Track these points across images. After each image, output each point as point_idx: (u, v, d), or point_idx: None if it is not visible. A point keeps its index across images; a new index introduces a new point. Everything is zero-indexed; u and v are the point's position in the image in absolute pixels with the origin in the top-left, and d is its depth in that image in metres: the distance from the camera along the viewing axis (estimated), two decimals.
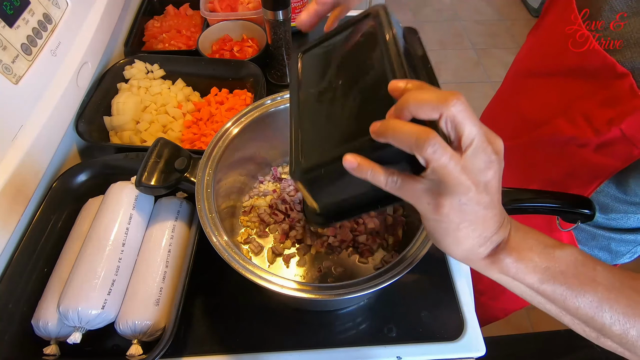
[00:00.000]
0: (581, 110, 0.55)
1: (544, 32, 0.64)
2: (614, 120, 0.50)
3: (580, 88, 0.55)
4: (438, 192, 0.31)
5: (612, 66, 0.49)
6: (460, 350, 0.55)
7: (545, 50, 0.61)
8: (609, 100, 0.51)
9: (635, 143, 0.49)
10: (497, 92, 0.83)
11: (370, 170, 0.32)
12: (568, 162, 0.60)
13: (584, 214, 0.52)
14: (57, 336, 0.51)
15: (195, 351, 0.55)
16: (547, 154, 0.63)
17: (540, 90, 0.63)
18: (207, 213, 0.52)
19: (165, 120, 0.77)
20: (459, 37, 2.52)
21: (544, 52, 0.62)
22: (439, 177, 0.30)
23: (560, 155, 0.61)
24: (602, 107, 0.52)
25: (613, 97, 0.51)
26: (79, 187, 0.64)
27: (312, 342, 0.56)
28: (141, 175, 0.54)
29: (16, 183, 0.55)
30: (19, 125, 0.57)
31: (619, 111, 0.50)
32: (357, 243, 0.64)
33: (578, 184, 0.59)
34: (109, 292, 0.50)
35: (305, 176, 0.38)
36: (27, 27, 0.59)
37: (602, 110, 0.52)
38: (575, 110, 0.56)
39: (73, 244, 0.57)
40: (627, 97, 0.49)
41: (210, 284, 0.61)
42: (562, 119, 0.58)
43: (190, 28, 0.98)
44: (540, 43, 0.64)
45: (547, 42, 0.61)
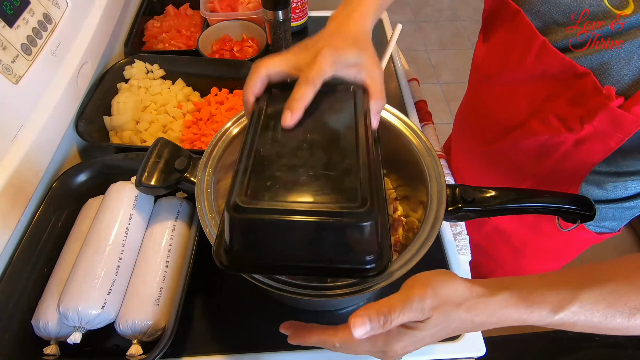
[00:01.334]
0: (552, 110, 0.56)
1: (498, 41, 0.64)
2: (585, 118, 0.52)
3: (546, 90, 0.56)
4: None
5: (571, 66, 0.51)
6: (460, 350, 0.55)
7: (505, 58, 0.62)
8: (576, 99, 0.52)
9: (610, 137, 0.51)
10: (465, 98, 0.83)
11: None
12: (550, 160, 0.61)
13: (584, 214, 0.52)
14: (57, 336, 0.51)
15: (195, 351, 0.55)
16: (529, 154, 0.64)
17: (507, 94, 0.64)
18: (207, 213, 0.52)
19: (165, 120, 0.77)
20: (459, 37, 2.52)
21: (504, 59, 0.62)
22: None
23: (541, 154, 0.62)
24: (571, 106, 0.53)
25: (578, 95, 0.52)
26: (79, 187, 0.64)
27: None
28: (141, 175, 0.54)
29: (16, 183, 0.55)
30: (19, 125, 0.57)
31: (587, 109, 0.51)
32: None
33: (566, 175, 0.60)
34: (109, 292, 0.50)
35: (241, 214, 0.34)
36: (27, 27, 0.59)
37: (571, 109, 0.53)
38: (547, 111, 0.57)
39: (73, 244, 0.57)
40: (592, 94, 0.50)
41: (210, 284, 0.61)
42: (534, 120, 0.59)
43: (190, 28, 0.98)
44: (499, 51, 0.64)
45: (505, 50, 0.61)
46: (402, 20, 2.55)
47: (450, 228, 0.68)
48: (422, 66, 2.35)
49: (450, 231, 0.68)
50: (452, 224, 0.69)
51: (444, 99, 2.19)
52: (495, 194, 0.54)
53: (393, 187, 0.71)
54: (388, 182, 0.72)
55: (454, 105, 2.17)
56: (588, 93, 0.50)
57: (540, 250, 0.78)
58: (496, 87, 0.66)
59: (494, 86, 0.66)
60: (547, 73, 0.55)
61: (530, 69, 0.57)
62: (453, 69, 2.34)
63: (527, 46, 0.55)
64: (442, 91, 2.24)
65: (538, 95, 0.58)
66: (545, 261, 0.82)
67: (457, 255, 0.64)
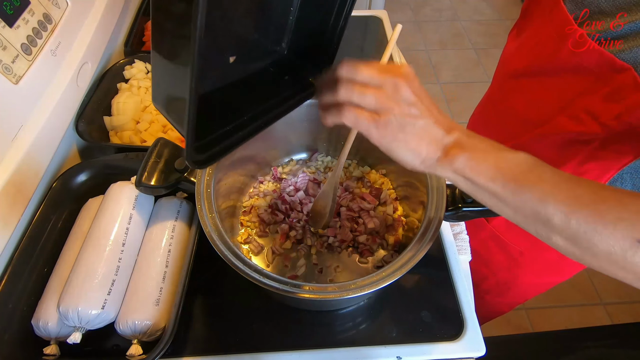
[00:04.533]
0: (584, 106, 0.54)
1: (532, 33, 0.63)
2: (623, 115, 0.50)
3: (579, 85, 0.55)
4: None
5: (610, 61, 0.49)
6: (460, 350, 0.55)
7: (538, 51, 0.61)
8: (612, 95, 0.51)
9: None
10: (487, 95, 0.82)
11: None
12: (574, 159, 0.59)
13: None
14: (57, 336, 0.51)
15: (195, 351, 0.55)
16: (551, 152, 0.62)
17: (536, 90, 0.63)
18: (207, 213, 0.52)
19: (165, 120, 0.77)
20: (459, 37, 2.52)
21: (536, 53, 0.61)
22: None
23: (564, 153, 0.60)
24: (606, 102, 0.52)
25: (616, 91, 0.50)
26: (79, 187, 0.64)
27: (312, 342, 0.56)
28: (141, 175, 0.54)
29: (16, 183, 0.55)
30: (19, 125, 0.57)
31: (625, 105, 0.49)
32: (357, 243, 0.64)
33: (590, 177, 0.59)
34: (109, 292, 0.50)
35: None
36: (27, 27, 0.59)
37: (606, 105, 0.52)
38: (578, 107, 0.55)
39: (73, 244, 0.57)
40: (631, 90, 0.48)
41: (210, 284, 0.61)
42: (563, 116, 0.58)
43: None
44: (531, 44, 0.63)
45: (538, 42, 0.60)
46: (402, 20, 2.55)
47: (450, 228, 0.68)
48: (422, 66, 2.35)
49: (450, 231, 0.68)
50: (452, 224, 0.69)
51: (444, 99, 2.19)
52: None
53: (393, 187, 0.71)
54: (388, 182, 0.72)
55: (454, 105, 2.16)
56: (628, 88, 0.48)
57: (536, 262, 0.77)
58: (524, 82, 0.64)
59: (522, 80, 0.65)
60: (581, 67, 0.53)
61: (564, 63, 0.55)
62: (453, 69, 2.34)
63: (563, 39, 0.54)
64: (442, 91, 2.24)
65: (570, 90, 0.56)
66: (539, 275, 0.81)
67: (457, 255, 0.64)
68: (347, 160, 0.74)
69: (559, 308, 1.50)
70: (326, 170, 0.73)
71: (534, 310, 1.49)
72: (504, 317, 1.45)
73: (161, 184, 0.55)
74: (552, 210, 0.35)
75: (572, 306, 1.50)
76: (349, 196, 0.68)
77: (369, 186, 0.70)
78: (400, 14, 2.65)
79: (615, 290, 1.52)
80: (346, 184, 0.70)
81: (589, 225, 0.33)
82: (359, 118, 0.39)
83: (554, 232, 0.36)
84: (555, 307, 1.50)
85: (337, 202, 0.66)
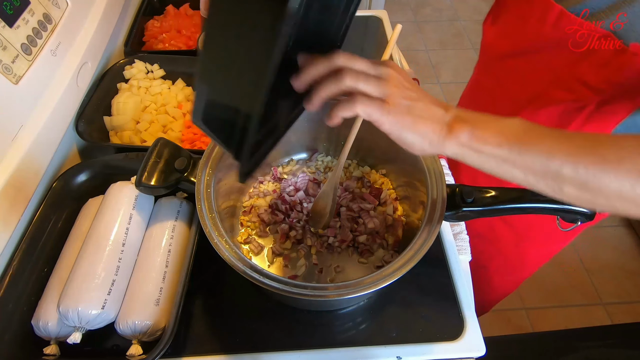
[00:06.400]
0: (575, 76, 0.57)
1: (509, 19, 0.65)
2: (612, 78, 0.52)
3: (566, 57, 0.57)
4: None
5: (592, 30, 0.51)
6: (460, 350, 0.55)
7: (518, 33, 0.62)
8: (599, 61, 0.53)
9: (638, 92, 0.52)
10: (473, 81, 0.84)
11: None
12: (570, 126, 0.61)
13: (584, 213, 0.52)
14: (57, 336, 0.51)
15: (195, 351, 0.55)
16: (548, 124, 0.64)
17: (524, 68, 0.64)
18: (207, 213, 0.52)
19: (165, 120, 0.77)
20: (459, 37, 2.52)
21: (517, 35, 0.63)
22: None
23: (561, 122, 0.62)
24: (596, 68, 0.54)
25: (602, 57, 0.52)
26: (79, 187, 0.64)
27: (312, 342, 0.56)
28: (141, 175, 0.54)
29: (16, 183, 0.55)
30: (19, 125, 0.57)
31: (613, 68, 0.52)
32: (357, 243, 0.64)
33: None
34: (109, 292, 0.50)
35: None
36: (27, 27, 0.59)
37: (596, 71, 0.54)
38: (568, 78, 0.57)
39: (73, 244, 0.57)
40: (617, 53, 0.50)
41: (210, 284, 0.61)
42: (555, 89, 0.60)
43: (190, 28, 0.98)
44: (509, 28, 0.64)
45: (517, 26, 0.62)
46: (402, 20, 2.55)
47: (450, 228, 0.68)
48: (422, 66, 2.35)
49: (450, 231, 0.68)
50: (452, 224, 0.69)
51: (444, 99, 2.19)
52: (495, 194, 0.54)
53: (393, 187, 0.71)
54: (388, 182, 0.72)
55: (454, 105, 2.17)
56: (612, 53, 0.51)
57: (543, 232, 0.79)
58: (510, 62, 0.66)
59: (508, 61, 0.66)
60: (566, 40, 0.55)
61: (548, 39, 0.57)
62: (453, 69, 2.34)
63: (543, 16, 0.56)
64: (442, 91, 2.24)
65: (558, 63, 0.58)
66: (546, 243, 0.83)
67: (457, 255, 0.64)
68: (347, 160, 0.74)
69: (559, 308, 1.50)
70: (326, 170, 0.73)
71: (534, 310, 1.49)
72: (504, 317, 1.46)
73: (161, 184, 0.55)
74: (560, 162, 0.36)
75: (572, 306, 1.50)
76: (349, 196, 0.68)
77: (369, 186, 0.70)
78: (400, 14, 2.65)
79: (615, 290, 1.52)
80: (346, 184, 0.70)
81: (597, 168, 0.35)
82: (371, 106, 0.39)
83: (565, 183, 0.37)
84: (555, 307, 1.50)
85: (337, 202, 0.66)
